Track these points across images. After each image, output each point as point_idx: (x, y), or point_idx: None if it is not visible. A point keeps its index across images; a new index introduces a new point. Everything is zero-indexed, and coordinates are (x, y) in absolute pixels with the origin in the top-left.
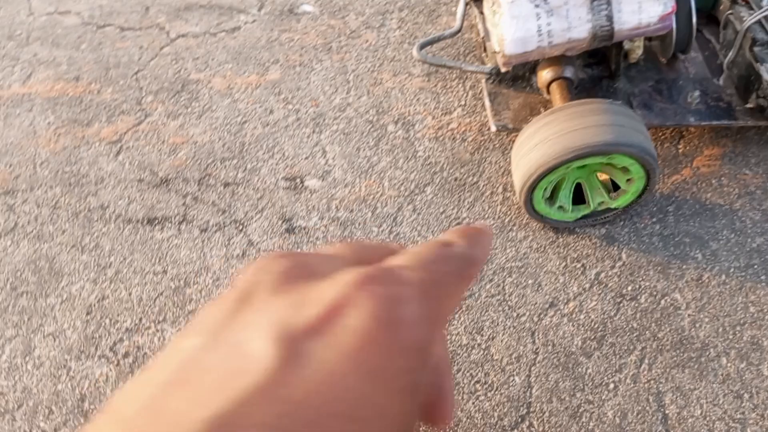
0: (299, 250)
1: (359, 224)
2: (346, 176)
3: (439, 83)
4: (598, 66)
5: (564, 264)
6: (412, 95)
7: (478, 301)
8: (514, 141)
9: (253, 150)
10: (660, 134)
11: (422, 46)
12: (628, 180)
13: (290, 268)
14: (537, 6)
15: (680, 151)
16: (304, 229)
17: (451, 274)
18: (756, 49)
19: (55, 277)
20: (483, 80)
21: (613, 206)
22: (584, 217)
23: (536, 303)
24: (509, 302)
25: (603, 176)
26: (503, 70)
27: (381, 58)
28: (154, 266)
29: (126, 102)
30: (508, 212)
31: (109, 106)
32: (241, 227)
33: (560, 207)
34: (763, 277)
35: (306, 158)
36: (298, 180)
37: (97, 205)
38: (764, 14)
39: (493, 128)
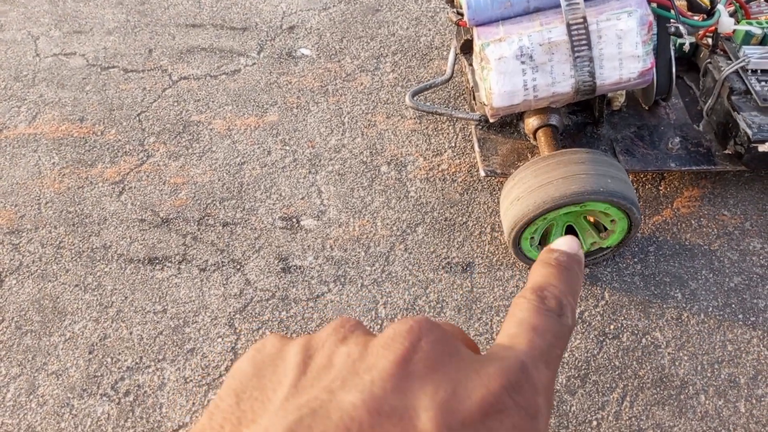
0: (294, 289)
1: (353, 263)
2: (341, 216)
3: (430, 125)
4: (583, 113)
5: None
6: (404, 137)
7: None
8: (502, 183)
9: (251, 190)
10: (642, 176)
11: (414, 94)
12: (611, 221)
13: (440, 341)
14: (523, 62)
15: (661, 192)
16: (300, 268)
17: (562, 351)
18: (733, 98)
19: (58, 316)
20: (472, 126)
21: (605, 246)
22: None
23: None
24: (496, 340)
25: (591, 218)
26: (491, 120)
27: (375, 100)
28: (154, 305)
29: (129, 143)
30: (496, 252)
31: (113, 147)
32: (238, 267)
33: None
34: (740, 316)
35: (302, 198)
36: (294, 220)
37: (99, 245)
38: (741, 65)
39: (483, 173)
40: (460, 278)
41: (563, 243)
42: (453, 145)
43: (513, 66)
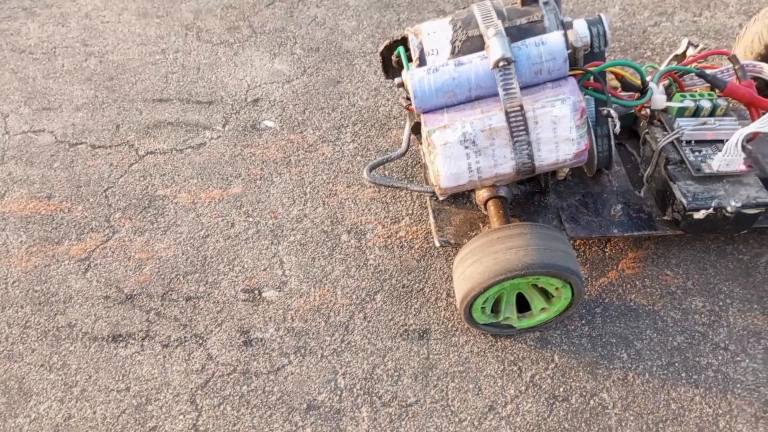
0: (256, 362)
1: (313, 334)
2: (302, 286)
3: (389, 194)
4: (530, 183)
5: (502, 367)
6: (364, 205)
7: (423, 408)
8: (457, 250)
9: (214, 263)
10: (589, 239)
11: (371, 168)
12: (557, 289)
13: None
14: (467, 147)
15: (607, 254)
16: (261, 340)
17: None
18: (669, 167)
19: (24, 397)
20: (428, 197)
21: (551, 314)
22: (526, 328)
23: (477, 407)
24: (452, 407)
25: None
26: (441, 198)
27: (336, 170)
28: (117, 384)
29: (95, 219)
30: (451, 317)
31: (79, 224)
32: (201, 341)
33: (507, 318)
34: (683, 375)
35: (264, 269)
36: (256, 291)
37: (65, 324)
38: (676, 136)
39: (437, 244)
40: (417, 345)
41: None
42: (410, 212)
43: (457, 151)
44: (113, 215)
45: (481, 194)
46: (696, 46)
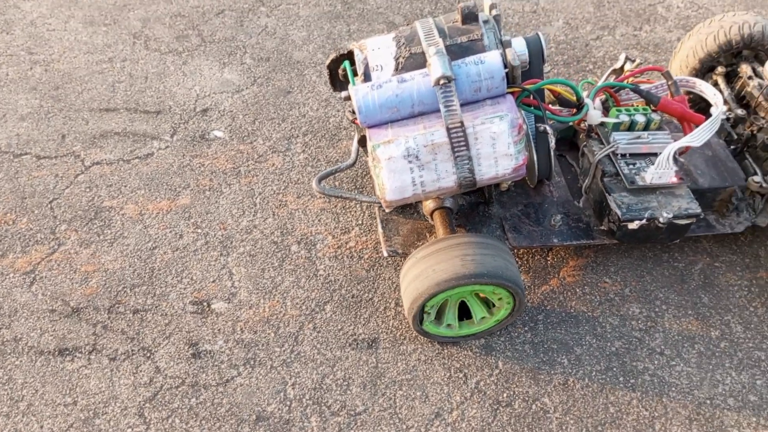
0: (204, 374)
1: (262, 345)
2: (251, 297)
3: (339, 204)
4: (475, 194)
5: (448, 374)
6: (314, 216)
7: (372, 416)
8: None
9: (162, 275)
10: (531, 248)
11: (321, 179)
12: (499, 298)
13: None
14: (410, 162)
15: (549, 262)
16: (210, 352)
17: None
18: (605, 179)
19: None
20: (376, 207)
21: (493, 322)
22: (470, 335)
23: (424, 414)
24: (399, 415)
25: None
26: (387, 210)
27: (286, 180)
28: (64, 398)
29: (40, 231)
30: (400, 326)
31: (24, 236)
32: (149, 354)
33: (448, 325)
34: (621, 379)
35: (213, 281)
36: (205, 303)
37: (10, 338)
38: (611, 150)
39: (385, 254)
40: (366, 354)
41: None
42: (360, 222)
43: (401, 165)
44: (59, 227)
45: (428, 205)
46: (633, 61)
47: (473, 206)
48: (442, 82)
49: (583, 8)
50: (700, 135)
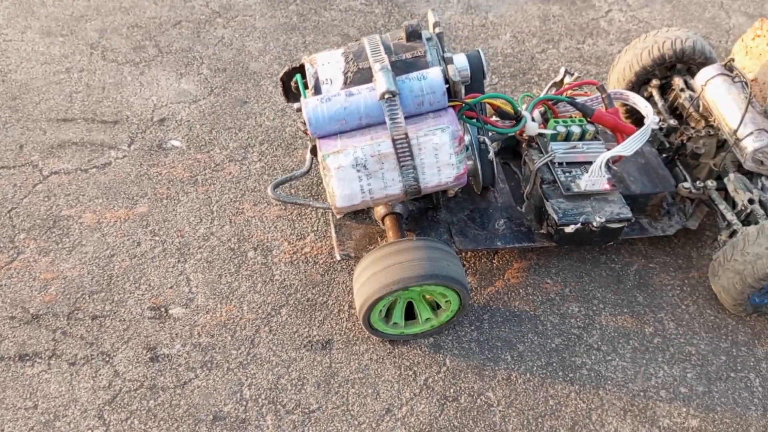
0: (162, 377)
1: (219, 348)
2: (209, 302)
3: (295, 211)
4: (424, 199)
5: (399, 372)
6: (270, 223)
7: (325, 413)
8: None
9: (120, 282)
10: (479, 251)
11: (276, 186)
12: (446, 301)
13: None
14: (359, 171)
15: (495, 265)
16: (168, 356)
17: None
18: (544, 186)
19: None
20: (330, 214)
21: (437, 322)
22: (416, 334)
23: (375, 410)
24: (352, 411)
25: (429, 296)
26: (338, 217)
27: (243, 189)
28: (25, 402)
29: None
30: (353, 327)
31: None
32: (107, 359)
33: (395, 324)
34: (560, 373)
35: (171, 287)
36: (162, 309)
37: None
38: (549, 159)
39: (338, 257)
40: (320, 355)
41: None
42: (315, 229)
43: (350, 174)
44: (17, 236)
45: (379, 210)
46: (572, 74)
47: (423, 211)
48: (387, 96)
49: (530, 22)
50: (631, 145)
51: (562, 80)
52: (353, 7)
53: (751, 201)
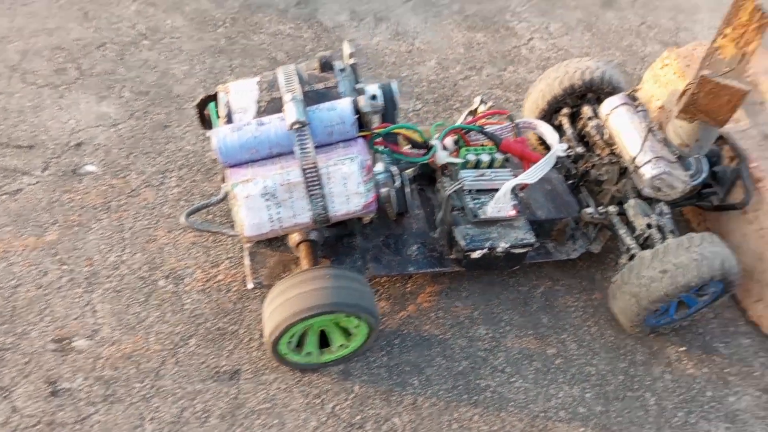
0: (62, 413)
1: (123, 381)
2: (114, 334)
3: (210, 237)
4: (340, 226)
5: (306, 401)
6: (184, 250)
7: None
8: None
9: (24, 313)
10: (393, 277)
11: (189, 214)
12: (356, 327)
13: None
14: (267, 200)
15: (408, 289)
16: (68, 390)
17: None
18: (454, 213)
19: None
20: (244, 241)
21: (350, 350)
22: (329, 362)
23: None
24: None
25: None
26: (247, 245)
27: (158, 215)
28: None
29: None
30: (263, 357)
31: None
32: (5, 394)
33: (308, 353)
34: (465, 396)
35: (76, 318)
36: (66, 341)
37: None
38: (459, 186)
39: (250, 286)
40: (227, 386)
41: None
42: (231, 256)
43: (259, 203)
44: None
45: (294, 238)
46: (486, 103)
47: (338, 238)
48: (296, 126)
49: (455, 49)
50: (535, 173)
51: (476, 109)
52: (282, 31)
53: (649, 225)
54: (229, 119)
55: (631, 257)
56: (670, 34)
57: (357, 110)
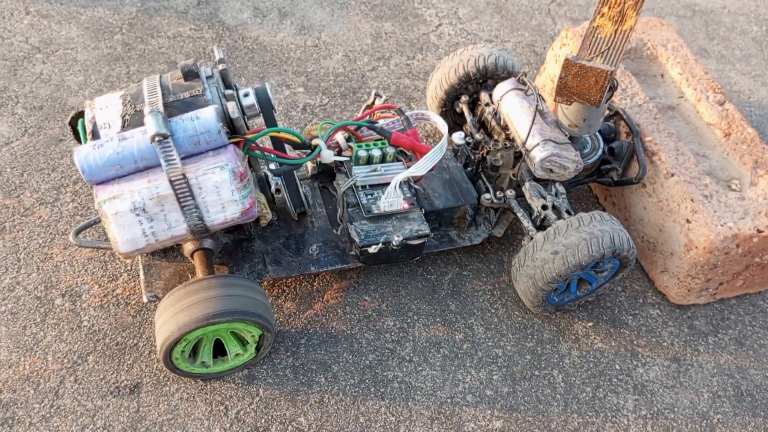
0: None
1: (21, 403)
2: (11, 356)
3: (107, 252)
4: (238, 231)
5: (210, 409)
6: (81, 266)
7: None
8: None
9: None
10: (291, 277)
11: (78, 231)
12: (252, 335)
13: None
14: (138, 215)
15: (315, 287)
16: None
17: None
18: (349, 210)
19: None
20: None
21: (247, 357)
22: (225, 371)
23: None
24: None
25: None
26: (126, 261)
27: (53, 233)
28: None
29: None
30: (164, 368)
31: None
32: None
33: (203, 363)
34: (372, 389)
35: None
36: None
37: None
38: (352, 183)
39: (145, 299)
40: (128, 400)
41: None
42: (129, 268)
43: (129, 219)
44: None
45: (187, 247)
46: (381, 97)
47: (237, 243)
48: (157, 139)
49: (362, 41)
50: (424, 164)
51: (373, 102)
52: (182, 33)
53: (544, 207)
54: (95, 135)
55: (531, 239)
56: (580, 10)
57: (228, 116)
